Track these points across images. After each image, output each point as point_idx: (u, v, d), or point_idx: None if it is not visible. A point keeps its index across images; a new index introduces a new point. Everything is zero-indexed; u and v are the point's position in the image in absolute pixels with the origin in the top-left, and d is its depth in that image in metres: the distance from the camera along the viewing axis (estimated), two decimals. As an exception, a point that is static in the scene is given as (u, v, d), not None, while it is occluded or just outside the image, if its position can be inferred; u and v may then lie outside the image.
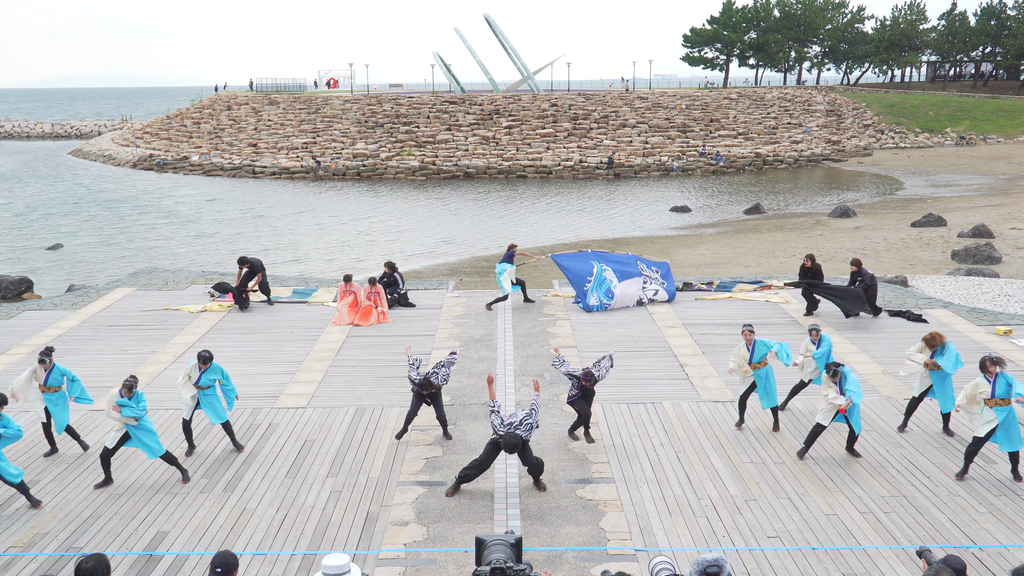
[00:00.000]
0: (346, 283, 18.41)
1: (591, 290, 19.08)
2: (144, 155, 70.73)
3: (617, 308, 19.12)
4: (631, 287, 19.45)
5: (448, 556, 8.97)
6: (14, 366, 15.21)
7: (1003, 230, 33.54)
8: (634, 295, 19.43)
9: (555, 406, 13.17)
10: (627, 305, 19.30)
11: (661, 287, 19.75)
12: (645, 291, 19.58)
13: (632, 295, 19.42)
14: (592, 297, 19.03)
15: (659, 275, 20.01)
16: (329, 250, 35.90)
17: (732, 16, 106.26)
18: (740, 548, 9.09)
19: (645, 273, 19.81)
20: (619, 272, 19.54)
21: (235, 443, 11.72)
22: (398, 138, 66.42)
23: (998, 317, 18.25)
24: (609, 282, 19.27)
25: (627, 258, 20.40)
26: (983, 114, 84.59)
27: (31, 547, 9.20)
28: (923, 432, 12.16)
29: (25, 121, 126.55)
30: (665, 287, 19.81)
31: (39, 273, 30.51)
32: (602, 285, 19.22)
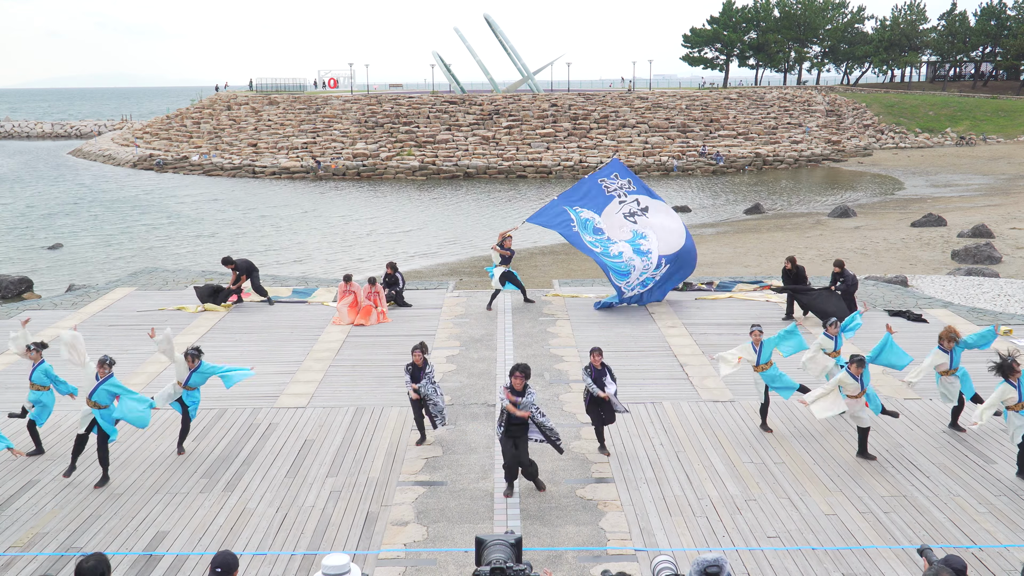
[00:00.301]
0: (346, 283, 18.41)
1: (580, 232, 18.62)
2: (144, 155, 70.74)
3: (617, 240, 18.64)
4: (611, 212, 18.87)
5: (448, 556, 8.97)
6: (14, 366, 15.21)
7: (1003, 230, 33.55)
8: (616, 218, 18.85)
9: (555, 406, 13.17)
10: (623, 236, 18.76)
11: (631, 190, 19.14)
12: (624, 206, 18.98)
13: (616, 220, 18.83)
14: (585, 237, 18.55)
15: (618, 178, 19.34)
16: (329, 250, 35.90)
17: (732, 16, 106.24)
18: (740, 548, 9.09)
19: (607, 185, 19.15)
20: (592, 205, 19.01)
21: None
22: (398, 138, 66.43)
23: (998, 317, 18.25)
24: (590, 219, 18.80)
25: (586, 184, 19.64)
26: (983, 114, 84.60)
27: (31, 547, 9.20)
28: (923, 432, 12.16)
29: (25, 121, 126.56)
30: (634, 186, 19.27)
31: (39, 273, 30.52)
32: (586, 225, 18.75)
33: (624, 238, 18.89)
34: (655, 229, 19.09)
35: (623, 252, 18.66)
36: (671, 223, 19.34)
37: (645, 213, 19.23)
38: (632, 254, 18.68)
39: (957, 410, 12.24)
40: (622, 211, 19.10)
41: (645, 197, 19.48)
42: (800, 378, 13.12)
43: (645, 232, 19.01)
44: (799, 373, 13.28)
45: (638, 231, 19.03)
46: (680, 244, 18.98)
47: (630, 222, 19.07)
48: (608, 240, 18.78)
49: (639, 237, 18.96)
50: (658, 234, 19.00)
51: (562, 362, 15.32)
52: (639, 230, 19.06)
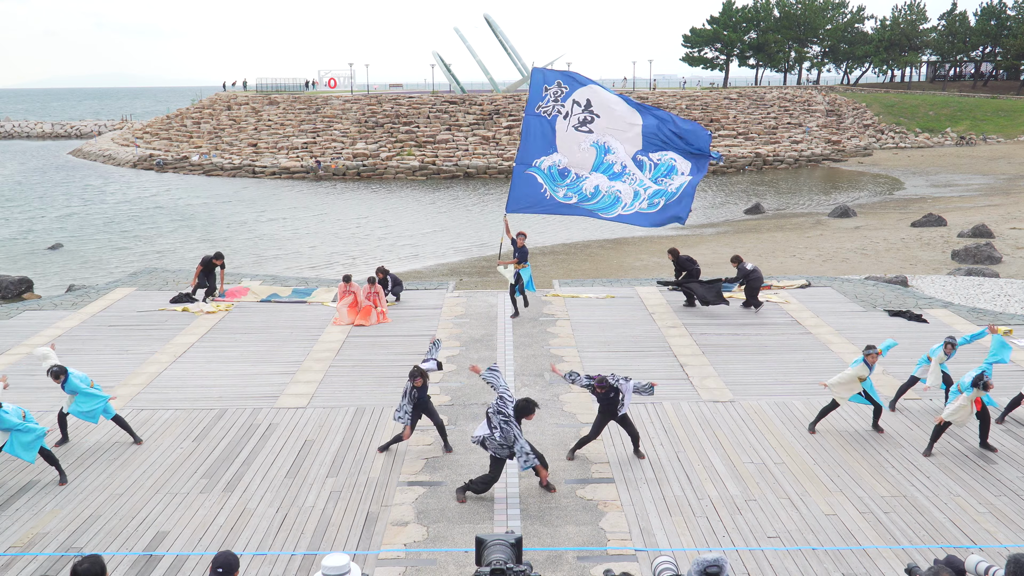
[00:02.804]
0: (346, 283, 18.40)
1: (553, 191, 17.34)
2: (144, 155, 70.75)
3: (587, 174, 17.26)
4: (563, 137, 17.30)
5: (448, 556, 8.97)
6: (14, 366, 15.22)
7: (1003, 230, 33.55)
8: (570, 137, 17.27)
9: (555, 406, 13.17)
10: (588, 162, 17.27)
11: (564, 95, 17.31)
12: (570, 118, 17.31)
13: (572, 141, 17.27)
14: (559, 193, 17.32)
15: (548, 89, 17.40)
16: (329, 250, 35.90)
17: (732, 16, 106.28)
18: (740, 548, 9.09)
19: (545, 109, 17.36)
20: (544, 144, 17.44)
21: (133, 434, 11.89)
22: (398, 138, 66.43)
23: (998, 317, 18.26)
24: (553, 164, 17.35)
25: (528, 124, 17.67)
26: (983, 114, 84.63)
27: (31, 547, 9.20)
28: (923, 432, 12.16)
29: (25, 121, 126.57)
30: (565, 86, 17.32)
31: (39, 273, 30.52)
32: (553, 176, 17.36)
33: (590, 164, 17.31)
34: (610, 126, 17.30)
35: (598, 184, 17.30)
36: (617, 107, 17.38)
37: (591, 111, 17.33)
38: (609, 182, 17.28)
39: None
40: (571, 124, 17.30)
41: (579, 91, 17.38)
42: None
43: (604, 141, 17.31)
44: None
45: (598, 143, 17.31)
46: (639, 121, 17.24)
47: (584, 133, 17.30)
48: (579, 178, 17.34)
49: (603, 153, 17.37)
50: (615, 131, 17.31)
51: (562, 362, 15.31)
52: (598, 141, 17.31)
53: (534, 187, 17.58)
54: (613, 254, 32.88)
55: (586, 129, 17.47)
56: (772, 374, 14.58)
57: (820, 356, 15.45)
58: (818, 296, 20.02)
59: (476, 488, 10.10)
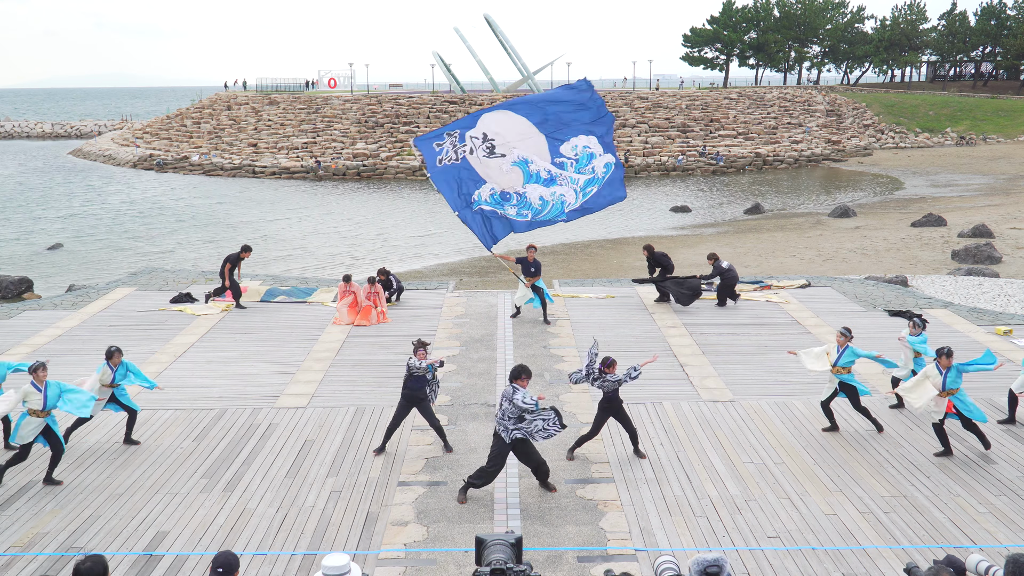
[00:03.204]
0: (346, 283, 18.40)
1: (502, 210, 16.71)
2: (144, 155, 70.76)
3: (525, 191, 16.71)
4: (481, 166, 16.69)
5: (448, 556, 8.97)
6: (14, 366, 15.20)
7: (1003, 230, 33.55)
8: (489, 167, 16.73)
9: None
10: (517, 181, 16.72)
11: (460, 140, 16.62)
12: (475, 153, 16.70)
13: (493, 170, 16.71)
14: (510, 211, 16.66)
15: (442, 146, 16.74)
16: (329, 250, 35.90)
17: (732, 16, 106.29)
18: (740, 548, 9.10)
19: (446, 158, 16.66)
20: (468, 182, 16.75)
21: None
22: (398, 138, 66.44)
23: (998, 317, 18.26)
24: (493, 191, 16.81)
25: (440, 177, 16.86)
26: (983, 114, 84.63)
27: (31, 547, 9.20)
28: (923, 432, 12.16)
29: (25, 121, 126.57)
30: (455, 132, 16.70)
31: (39, 273, 30.52)
32: (497, 200, 16.77)
33: (521, 180, 16.81)
34: (514, 140, 16.84)
35: (541, 195, 16.86)
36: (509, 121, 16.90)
37: (489, 141, 16.86)
38: (546, 188, 16.86)
39: None
40: (481, 156, 16.80)
41: (471, 129, 16.91)
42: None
43: (519, 155, 16.83)
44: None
45: (517, 160, 16.81)
46: (532, 125, 16.78)
47: (499, 158, 16.80)
48: (521, 196, 16.80)
49: (526, 165, 16.85)
50: (521, 143, 16.84)
51: (562, 362, 15.32)
52: (516, 159, 16.81)
53: (492, 217, 17.03)
54: (613, 254, 32.88)
55: (498, 154, 17.03)
56: (772, 374, 14.58)
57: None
58: (818, 296, 20.03)
59: (475, 482, 10.09)
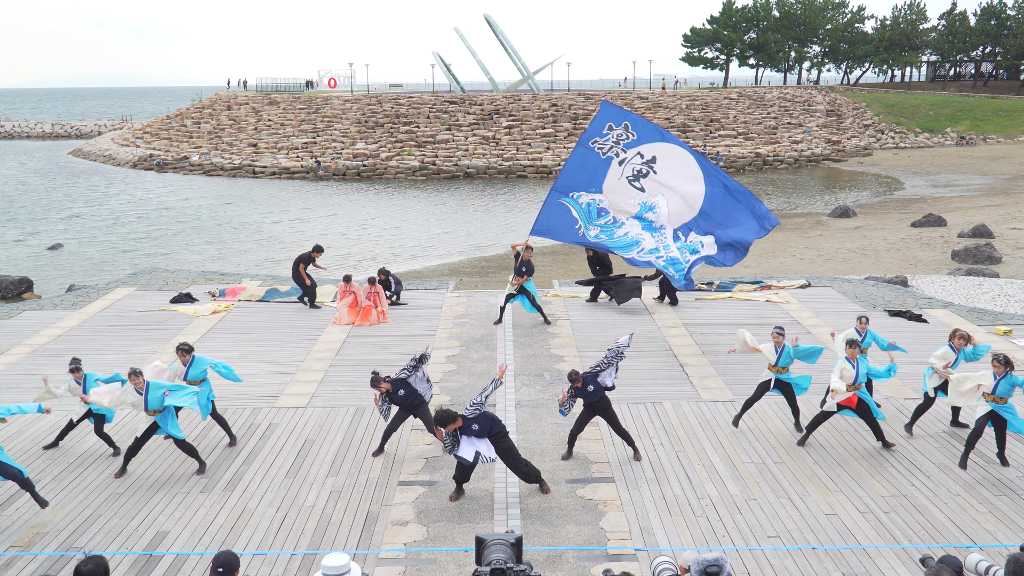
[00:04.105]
0: (346, 283, 18.40)
1: (586, 227, 16.67)
2: (144, 155, 70.74)
3: (624, 221, 16.60)
4: (612, 181, 16.62)
5: (448, 556, 8.97)
6: (14, 366, 15.22)
7: (1003, 230, 33.55)
8: (620, 186, 16.69)
9: (554, 406, 13.15)
10: (629, 211, 16.63)
11: (630, 142, 16.45)
12: (626, 166, 16.58)
13: (619, 190, 16.69)
14: (591, 232, 16.65)
15: (612, 128, 16.67)
16: (329, 250, 35.88)
17: (732, 16, 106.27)
18: (740, 548, 9.10)
19: (601, 147, 16.64)
20: (588, 181, 16.70)
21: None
22: (398, 138, 66.43)
23: (998, 317, 18.26)
24: (591, 202, 16.72)
25: (578, 154, 16.90)
26: (983, 114, 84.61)
27: (31, 547, 9.20)
28: (923, 432, 12.16)
29: (25, 121, 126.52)
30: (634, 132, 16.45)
31: (39, 273, 30.51)
32: (590, 213, 16.68)
33: (631, 212, 16.76)
34: (665, 192, 16.59)
35: (628, 231, 16.74)
36: (683, 182, 16.56)
37: (652, 168, 16.61)
38: (641, 231, 16.71)
39: (956, 409, 12.28)
40: (624, 174, 16.64)
41: (648, 145, 16.63)
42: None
43: (653, 202, 16.70)
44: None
45: (646, 202, 16.70)
46: (697, 205, 16.34)
47: (636, 190, 16.67)
48: (614, 223, 16.78)
49: (646, 210, 16.73)
50: (668, 200, 16.58)
51: (562, 362, 15.31)
52: (647, 200, 16.70)
53: (567, 218, 16.89)
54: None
55: (638, 185, 16.79)
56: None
57: (820, 356, 15.40)
58: (818, 296, 20.03)
59: (457, 476, 10.12)
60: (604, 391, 11.00)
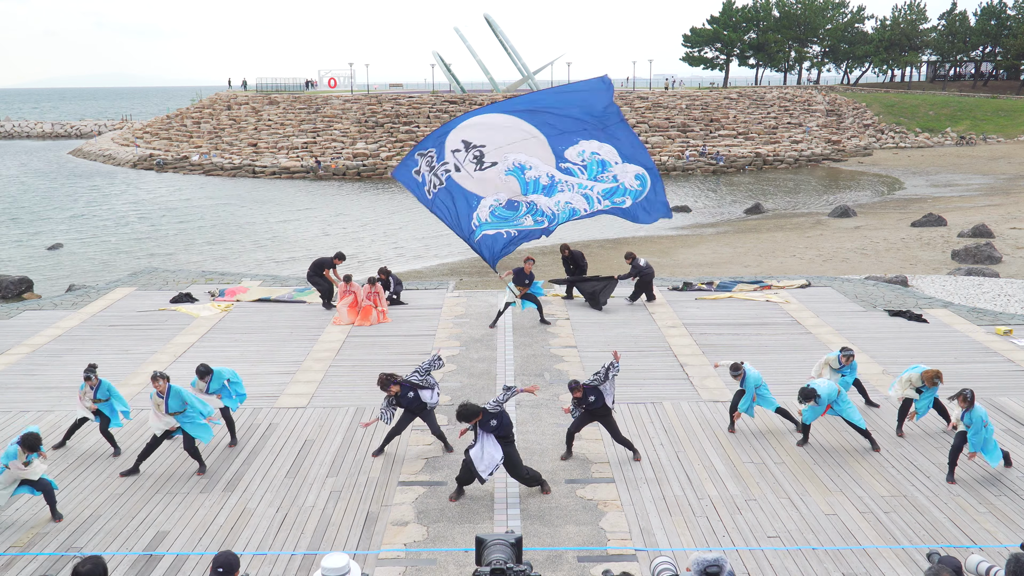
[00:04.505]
0: (346, 283, 18.40)
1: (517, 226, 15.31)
2: (144, 155, 70.73)
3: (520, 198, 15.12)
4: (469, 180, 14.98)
5: (448, 556, 8.97)
6: (14, 366, 15.22)
7: (1003, 230, 33.54)
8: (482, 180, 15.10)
9: (555, 406, 13.17)
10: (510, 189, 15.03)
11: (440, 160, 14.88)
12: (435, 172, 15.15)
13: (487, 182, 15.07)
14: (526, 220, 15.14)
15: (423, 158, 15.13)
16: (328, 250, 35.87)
17: (732, 16, 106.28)
18: (740, 548, 9.10)
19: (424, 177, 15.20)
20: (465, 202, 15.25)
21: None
22: (398, 138, 66.43)
23: (998, 317, 18.26)
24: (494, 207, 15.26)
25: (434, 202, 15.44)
26: (983, 114, 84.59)
27: (31, 547, 9.20)
28: (923, 432, 12.16)
29: (25, 121, 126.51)
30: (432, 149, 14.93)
31: (39, 273, 30.51)
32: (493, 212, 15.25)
33: (519, 190, 15.23)
34: (506, 144, 15.07)
35: (548, 205, 15.28)
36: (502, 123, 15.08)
37: (474, 148, 15.16)
38: (548, 198, 15.26)
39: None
40: (467, 172, 15.25)
41: (446, 139, 15.20)
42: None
43: (513, 161, 15.16)
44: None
45: (509, 168, 15.15)
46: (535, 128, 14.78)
47: (490, 167, 15.20)
48: (531, 205, 15.27)
49: (521, 172, 15.17)
50: (516, 146, 15.05)
51: (562, 362, 15.32)
52: (508, 166, 15.16)
53: (498, 240, 15.82)
54: (613, 254, 32.84)
55: (488, 162, 15.31)
56: (772, 374, 14.53)
57: (820, 356, 15.41)
58: (818, 296, 20.02)
59: (460, 479, 10.11)
60: (604, 403, 11.01)
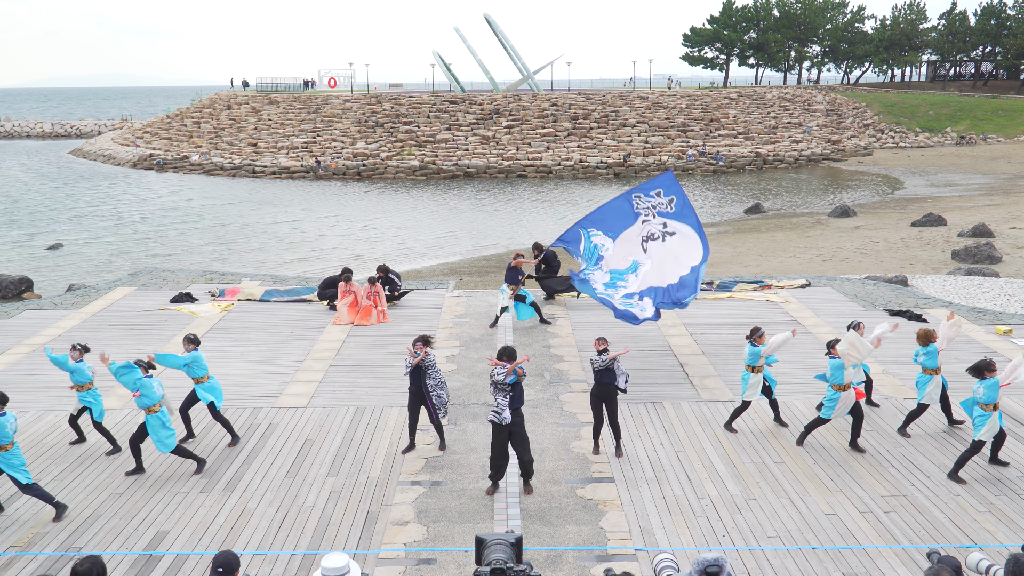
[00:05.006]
0: (346, 283, 18.40)
1: (583, 261, 16.19)
2: (144, 155, 70.73)
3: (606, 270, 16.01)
4: (628, 235, 16.13)
5: (448, 556, 8.98)
6: (14, 366, 15.22)
7: (1003, 230, 33.53)
8: (630, 243, 16.17)
9: (555, 406, 13.17)
10: (617, 266, 16.04)
11: (665, 212, 16.05)
12: (647, 226, 16.08)
13: (627, 246, 16.15)
14: (592, 277, 15.94)
15: (661, 195, 16.22)
16: (329, 249, 35.89)
17: (732, 16, 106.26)
18: (740, 548, 9.10)
19: (639, 203, 16.21)
20: (609, 226, 16.31)
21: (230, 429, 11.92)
22: (398, 138, 66.42)
23: (998, 317, 18.26)
24: (598, 246, 16.20)
25: (616, 201, 16.72)
26: (983, 114, 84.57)
27: (31, 547, 9.21)
28: (923, 432, 12.16)
29: (25, 121, 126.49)
30: (674, 208, 16.02)
31: (39, 273, 30.51)
32: (592, 254, 16.16)
33: (620, 267, 16.26)
34: (657, 261, 16.17)
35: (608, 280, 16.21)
36: (677, 264, 16.15)
37: (664, 236, 16.24)
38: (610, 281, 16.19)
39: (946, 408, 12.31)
40: (642, 233, 16.33)
41: (677, 223, 16.27)
42: None
43: (642, 260, 16.26)
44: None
45: (638, 259, 16.24)
46: (678, 275, 15.98)
47: (640, 248, 16.24)
48: (598, 267, 16.30)
49: (631, 270, 16.23)
50: (656, 265, 16.14)
51: (562, 362, 15.32)
52: (639, 259, 16.24)
53: (575, 241, 16.61)
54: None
55: (645, 247, 16.34)
56: (772, 374, 14.54)
57: (820, 356, 15.41)
58: (818, 296, 20.02)
59: (494, 470, 10.21)
60: (615, 383, 11.14)
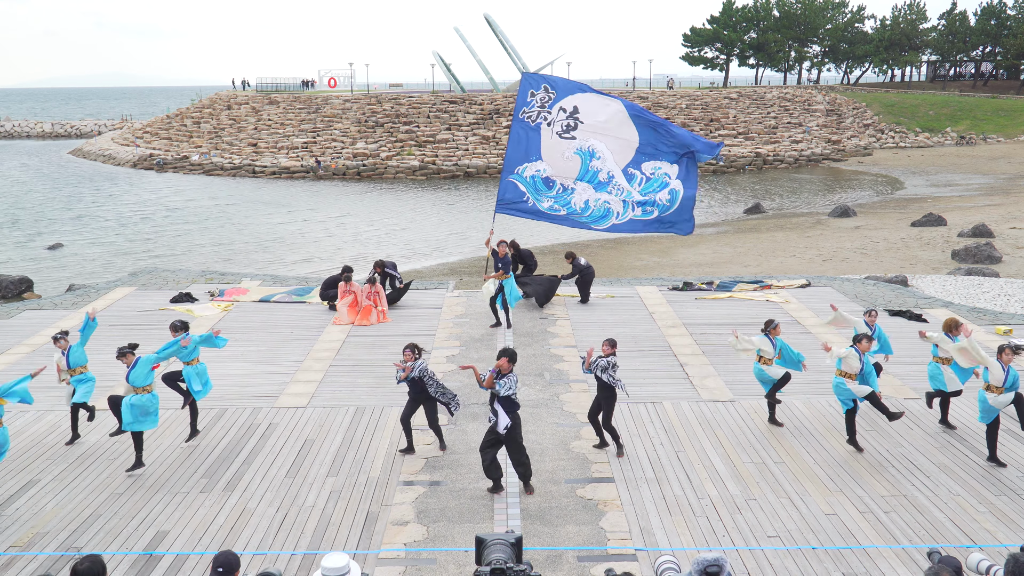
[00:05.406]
0: (346, 283, 18.40)
1: (536, 200, 16.43)
2: (144, 154, 70.74)
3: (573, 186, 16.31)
4: (547, 144, 16.29)
5: (448, 556, 8.97)
6: (14, 366, 15.21)
7: (1003, 230, 33.54)
8: (554, 145, 16.33)
9: (555, 405, 13.17)
10: (573, 172, 16.22)
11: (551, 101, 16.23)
12: (554, 125, 16.29)
13: (556, 150, 16.28)
14: (544, 204, 16.34)
15: (534, 94, 16.38)
16: (329, 249, 35.90)
17: (732, 16, 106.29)
18: (740, 548, 9.10)
19: (529, 115, 16.42)
20: (528, 151, 16.47)
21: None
22: (398, 138, 66.43)
23: (998, 317, 18.26)
24: (536, 174, 16.49)
25: (514, 131, 16.66)
26: (983, 114, 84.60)
27: (31, 547, 9.20)
28: (923, 432, 12.16)
29: (25, 121, 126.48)
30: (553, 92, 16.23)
31: (39, 273, 30.51)
32: (536, 185, 16.44)
33: (575, 173, 16.33)
34: (597, 131, 16.21)
35: (587, 199, 16.35)
36: (613, 124, 16.16)
37: (577, 119, 16.30)
38: (596, 193, 16.34)
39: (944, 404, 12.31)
40: (555, 131, 16.40)
41: (568, 98, 16.33)
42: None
43: (589, 146, 16.33)
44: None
45: (582, 148, 16.30)
46: (634, 140, 16.02)
47: (568, 140, 16.34)
48: (565, 190, 16.45)
49: (588, 159, 16.27)
50: (603, 136, 16.15)
51: (562, 362, 15.32)
52: (582, 147, 16.32)
53: (517, 193, 17.05)
54: (613, 254, 32.86)
55: (569, 136, 16.64)
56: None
57: (820, 356, 15.41)
58: (818, 296, 20.02)
59: (521, 470, 10.19)
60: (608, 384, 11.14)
